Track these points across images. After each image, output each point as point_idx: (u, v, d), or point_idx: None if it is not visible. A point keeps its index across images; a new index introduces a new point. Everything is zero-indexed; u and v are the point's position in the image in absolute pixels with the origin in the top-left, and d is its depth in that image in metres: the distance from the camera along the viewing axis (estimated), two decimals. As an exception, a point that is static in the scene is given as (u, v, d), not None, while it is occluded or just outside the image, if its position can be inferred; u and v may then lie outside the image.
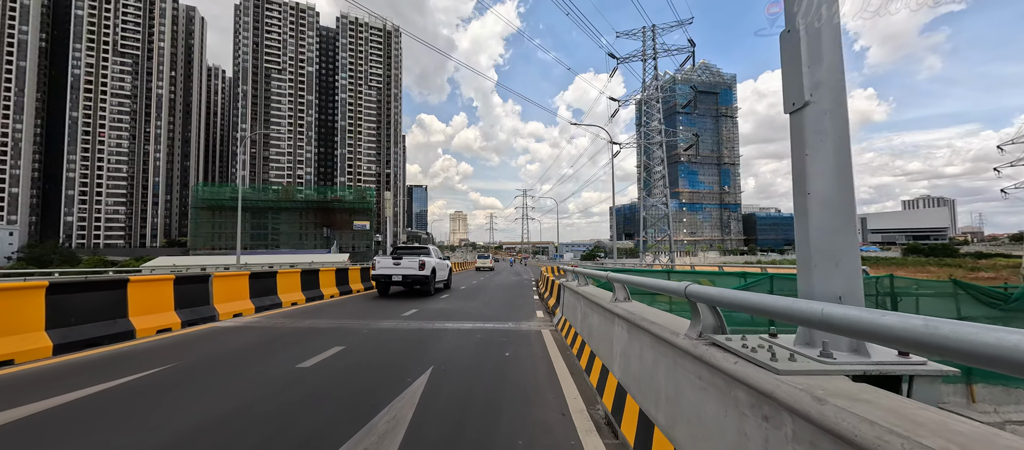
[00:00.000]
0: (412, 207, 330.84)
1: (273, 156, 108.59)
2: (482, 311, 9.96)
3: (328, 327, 7.36)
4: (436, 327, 7.63)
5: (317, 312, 9.26)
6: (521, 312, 9.97)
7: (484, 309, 10.34)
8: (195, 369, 4.69)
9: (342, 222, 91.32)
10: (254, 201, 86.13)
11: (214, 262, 57.57)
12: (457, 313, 9.56)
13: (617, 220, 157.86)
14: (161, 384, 4.13)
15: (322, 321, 7.99)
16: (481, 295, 14.14)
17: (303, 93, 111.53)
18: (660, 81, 43.11)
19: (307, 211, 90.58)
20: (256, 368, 4.77)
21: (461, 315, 9.24)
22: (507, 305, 11.38)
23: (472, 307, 10.68)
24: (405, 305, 10.72)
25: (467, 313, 9.55)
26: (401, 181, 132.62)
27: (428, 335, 6.83)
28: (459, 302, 11.83)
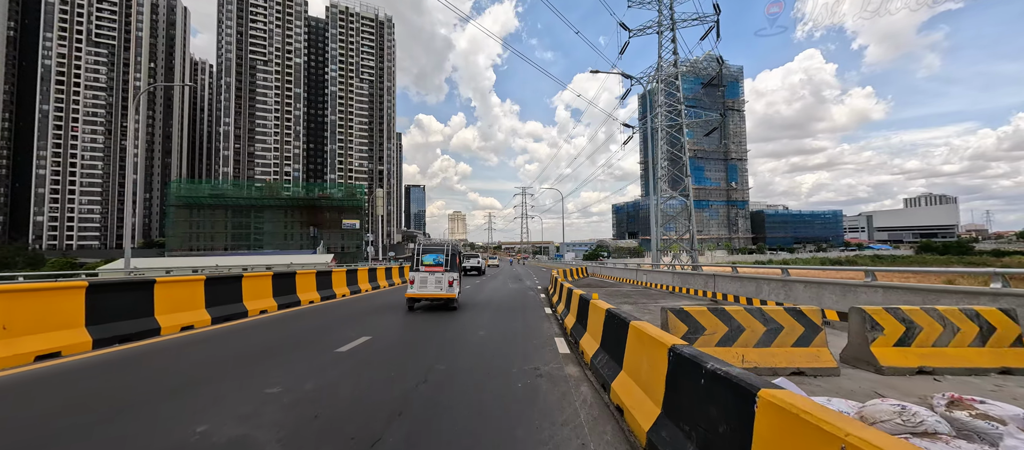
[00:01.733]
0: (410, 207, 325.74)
1: (259, 152, 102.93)
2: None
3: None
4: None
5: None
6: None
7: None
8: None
9: (330, 221, 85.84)
10: (235, 199, 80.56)
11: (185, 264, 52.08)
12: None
13: (619, 219, 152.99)
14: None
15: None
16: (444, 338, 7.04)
17: (290, 86, 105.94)
18: (676, 62, 38.03)
19: (293, 209, 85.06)
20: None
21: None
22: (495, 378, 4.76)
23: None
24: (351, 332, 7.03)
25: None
26: (395, 179, 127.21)
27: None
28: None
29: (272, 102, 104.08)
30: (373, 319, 8.43)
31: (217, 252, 76.32)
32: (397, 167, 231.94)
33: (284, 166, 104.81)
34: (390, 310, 9.76)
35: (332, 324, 7.76)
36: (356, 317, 8.70)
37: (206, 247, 78.98)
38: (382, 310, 9.79)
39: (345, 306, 10.49)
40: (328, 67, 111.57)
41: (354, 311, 9.57)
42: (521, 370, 4.86)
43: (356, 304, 10.96)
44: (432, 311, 9.62)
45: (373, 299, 12.34)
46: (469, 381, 4.38)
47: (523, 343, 6.46)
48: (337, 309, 9.89)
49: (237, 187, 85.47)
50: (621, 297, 13.98)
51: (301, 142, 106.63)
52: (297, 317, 8.56)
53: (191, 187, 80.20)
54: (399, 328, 7.57)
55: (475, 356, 5.59)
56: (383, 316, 8.83)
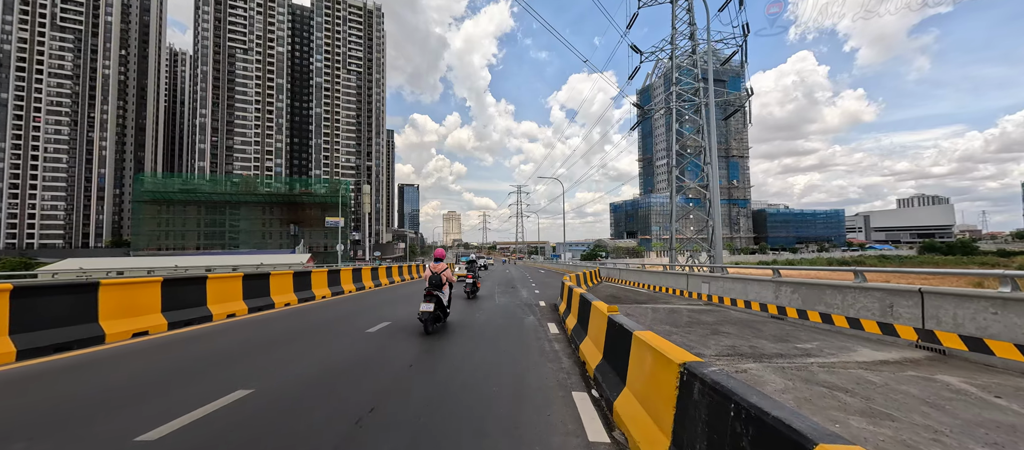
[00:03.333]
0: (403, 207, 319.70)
1: (238, 146, 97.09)
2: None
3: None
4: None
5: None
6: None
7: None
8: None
9: (312, 218, 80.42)
10: (209, 194, 74.89)
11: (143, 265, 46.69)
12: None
13: (617, 218, 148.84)
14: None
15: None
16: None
17: (272, 76, 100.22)
18: (692, 34, 33.58)
19: (272, 207, 79.53)
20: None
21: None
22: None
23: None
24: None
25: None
26: (385, 175, 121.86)
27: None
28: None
29: (252, 93, 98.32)
30: (322, 337, 6.44)
31: (188, 252, 70.70)
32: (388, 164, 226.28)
33: (265, 161, 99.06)
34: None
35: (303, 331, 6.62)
36: (323, 327, 7.29)
37: (177, 246, 73.25)
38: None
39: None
40: (313, 57, 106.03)
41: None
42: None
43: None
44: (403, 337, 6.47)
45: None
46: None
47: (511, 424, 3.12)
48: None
49: (212, 182, 79.74)
50: (706, 329, 7.84)
51: (284, 136, 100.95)
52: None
53: (160, 181, 74.36)
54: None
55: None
56: (339, 339, 6.30)
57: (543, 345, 6.08)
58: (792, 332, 7.48)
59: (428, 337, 6.39)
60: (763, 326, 8.37)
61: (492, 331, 7.27)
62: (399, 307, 10.20)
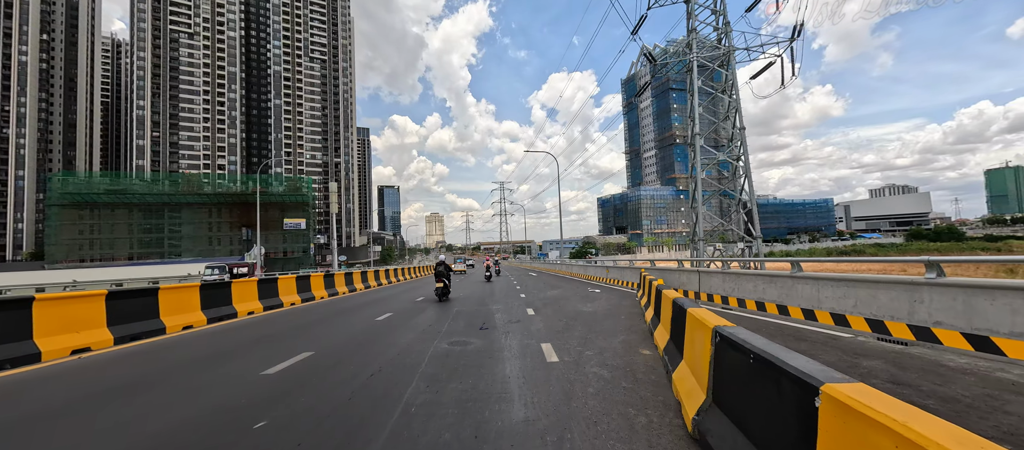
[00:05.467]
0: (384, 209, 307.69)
1: (185, 142, 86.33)
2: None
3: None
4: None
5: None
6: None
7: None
8: None
9: (269, 220, 70.96)
10: (142, 195, 64.70)
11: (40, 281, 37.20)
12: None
13: (605, 213, 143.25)
14: None
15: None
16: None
17: (223, 64, 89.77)
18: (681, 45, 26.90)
19: (221, 207, 69.76)
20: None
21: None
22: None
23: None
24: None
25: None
26: (357, 174, 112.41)
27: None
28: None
29: (200, 83, 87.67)
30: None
31: (118, 262, 60.54)
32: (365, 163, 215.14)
33: (217, 158, 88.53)
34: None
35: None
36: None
37: (105, 256, 62.88)
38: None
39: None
40: (270, 44, 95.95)
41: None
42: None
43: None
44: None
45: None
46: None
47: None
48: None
49: (148, 181, 69.29)
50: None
51: (238, 130, 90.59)
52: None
53: (82, 182, 63.63)
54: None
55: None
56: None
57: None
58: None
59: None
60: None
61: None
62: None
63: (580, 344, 5.81)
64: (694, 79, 25.63)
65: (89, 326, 6.25)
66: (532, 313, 8.80)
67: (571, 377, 4.23)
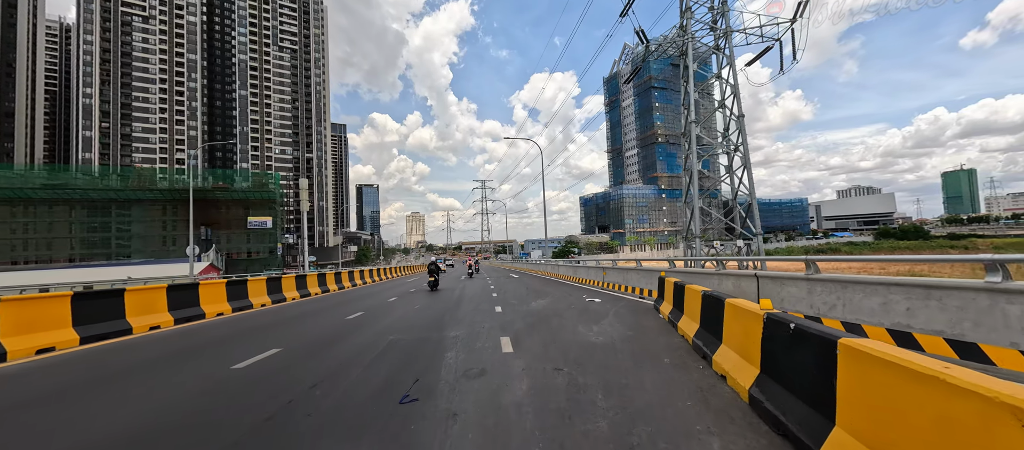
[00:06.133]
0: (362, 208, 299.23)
1: (139, 134, 79.81)
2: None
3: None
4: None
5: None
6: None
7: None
8: None
9: (231, 219, 66.10)
10: (85, 191, 58.80)
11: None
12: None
13: (587, 212, 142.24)
14: None
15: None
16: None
17: (182, 51, 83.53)
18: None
19: (177, 205, 64.31)
20: None
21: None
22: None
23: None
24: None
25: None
26: (331, 170, 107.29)
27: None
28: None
29: (156, 70, 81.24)
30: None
31: (56, 264, 54.77)
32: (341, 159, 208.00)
33: (176, 152, 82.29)
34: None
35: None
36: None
37: (41, 258, 56.77)
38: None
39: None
40: (235, 30, 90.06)
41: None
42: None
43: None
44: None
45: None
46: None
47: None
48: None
49: (92, 176, 63.12)
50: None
51: (199, 123, 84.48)
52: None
53: (12, 175, 57.22)
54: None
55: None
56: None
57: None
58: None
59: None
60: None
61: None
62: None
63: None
64: (690, 63, 23.68)
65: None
66: (509, 350, 5.37)
67: None
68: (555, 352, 5.22)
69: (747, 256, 22.72)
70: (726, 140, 24.37)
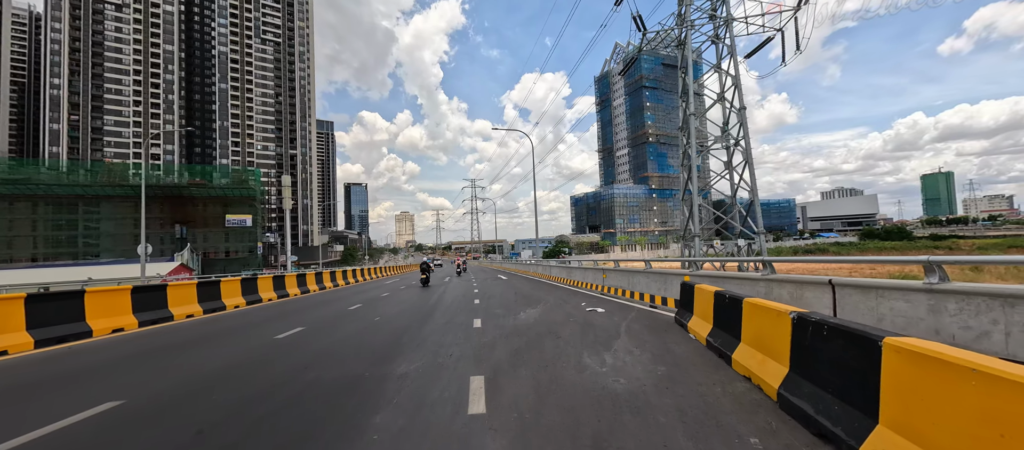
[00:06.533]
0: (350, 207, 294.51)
1: (111, 127, 76.18)
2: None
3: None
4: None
5: None
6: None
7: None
8: None
9: (209, 217, 63.34)
10: (49, 186, 55.52)
11: None
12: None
13: (578, 212, 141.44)
14: None
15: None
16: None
17: (158, 42, 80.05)
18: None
19: (150, 201, 61.26)
20: None
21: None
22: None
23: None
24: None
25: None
26: (316, 167, 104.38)
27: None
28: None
29: (130, 61, 77.66)
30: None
31: (17, 264, 51.50)
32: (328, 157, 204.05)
33: (150, 146, 78.77)
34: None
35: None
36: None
37: (1, 258, 53.31)
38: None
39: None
40: (215, 21, 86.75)
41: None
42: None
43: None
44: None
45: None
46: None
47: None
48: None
49: (60, 171, 59.72)
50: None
51: (176, 117, 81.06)
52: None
53: (-32, 169, 53.59)
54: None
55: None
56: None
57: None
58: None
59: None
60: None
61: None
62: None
63: None
64: (689, 52, 22.52)
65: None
66: (480, 408, 3.41)
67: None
68: (554, 413, 3.29)
69: (749, 257, 21.63)
70: (726, 135, 23.28)
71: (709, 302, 5.27)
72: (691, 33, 22.77)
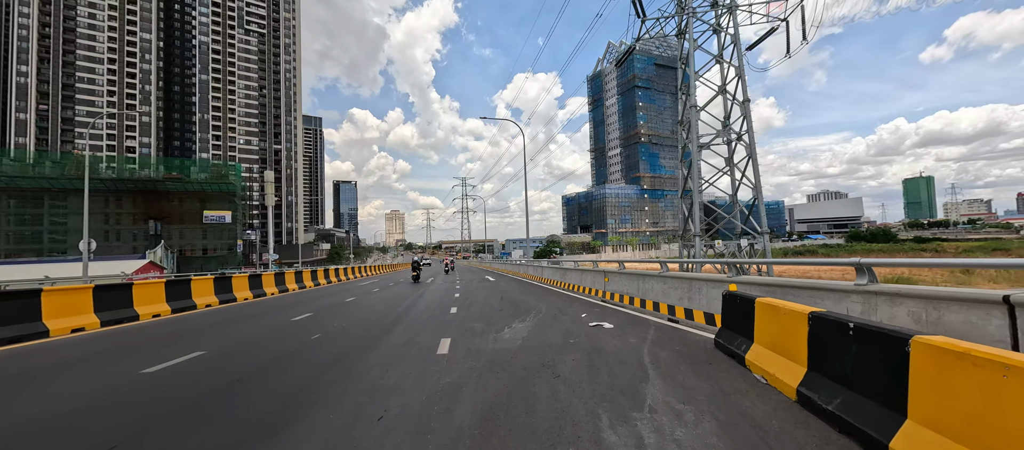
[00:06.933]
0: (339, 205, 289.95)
1: (83, 118, 72.71)
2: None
3: None
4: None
5: None
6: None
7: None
8: None
9: (186, 213, 60.66)
10: (12, 178, 52.38)
11: None
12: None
13: (569, 211, 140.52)
14: None
15: None
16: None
17: (135, 30, 76.70)
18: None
19: (122, 195, 58.49)
20: None
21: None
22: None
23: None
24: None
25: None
26: (301, 163, 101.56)
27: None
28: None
29: (104, 50, 74.22)
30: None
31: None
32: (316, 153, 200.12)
33: (126, 138, 75.46)
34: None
35: None
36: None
37: (-43, 254, 50.06)
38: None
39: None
40: (196, 10, 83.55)
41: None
42: None
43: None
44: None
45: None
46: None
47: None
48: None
49: (24, 162, 56.44)
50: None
51: (153, 107, 77.77)
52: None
53: (-78, 159, 50.18)
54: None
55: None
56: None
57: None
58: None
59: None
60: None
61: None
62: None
63: None
64: (690, 40, 21.34)
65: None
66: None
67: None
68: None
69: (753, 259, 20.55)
70: (727, 129, 22.15)
71: (793, 329, 3.59)
72: (692, 21, 21.59)
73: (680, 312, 7.68)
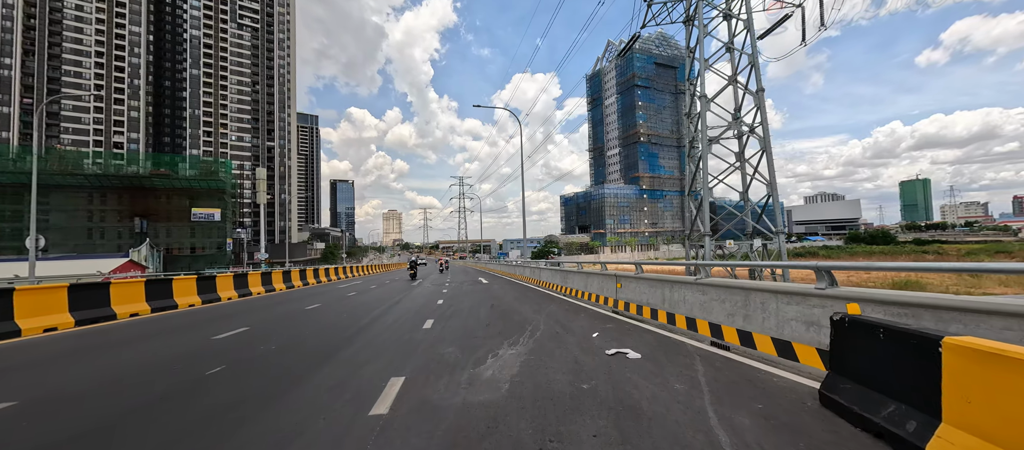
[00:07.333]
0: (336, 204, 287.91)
1: (69, 113, 70.79)
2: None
3: None
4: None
5: None
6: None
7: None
8: None
9: (171, 210, 58.89)
10: (-10, 173, 50.52)
11: None
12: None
13: (568, 211, 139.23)
14: None
15: None
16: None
17: (124, 22, 74.83)
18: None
19: (107, 193, 56.65)
20: None
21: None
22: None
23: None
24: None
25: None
26: (295, 160, 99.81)
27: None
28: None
29: (91, 43, 72.32)
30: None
31: (-49, 260, 46.37)
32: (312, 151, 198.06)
33: (114, 134, 73.55)
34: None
35: None
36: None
37: (-68, 252, 48.14)
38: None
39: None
40: (187, 3, 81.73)
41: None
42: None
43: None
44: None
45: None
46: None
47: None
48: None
49: (9, 157, 54.55)
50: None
51: (142, 102, 75.90)
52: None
53: None
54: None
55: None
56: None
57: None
58: None
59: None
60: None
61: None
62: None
63: None
64: (701, 23, 19.99)
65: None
66: None
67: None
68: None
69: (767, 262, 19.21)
70: (738, 121, 20.82)
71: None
72: (702, 5, 20.24)
73: (730, 334, 5.59)
